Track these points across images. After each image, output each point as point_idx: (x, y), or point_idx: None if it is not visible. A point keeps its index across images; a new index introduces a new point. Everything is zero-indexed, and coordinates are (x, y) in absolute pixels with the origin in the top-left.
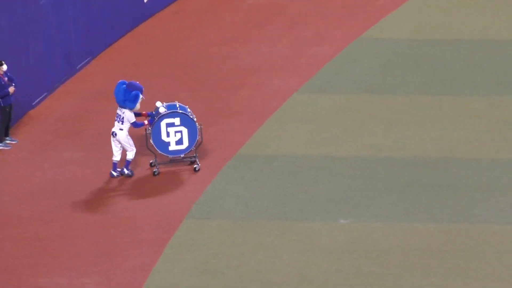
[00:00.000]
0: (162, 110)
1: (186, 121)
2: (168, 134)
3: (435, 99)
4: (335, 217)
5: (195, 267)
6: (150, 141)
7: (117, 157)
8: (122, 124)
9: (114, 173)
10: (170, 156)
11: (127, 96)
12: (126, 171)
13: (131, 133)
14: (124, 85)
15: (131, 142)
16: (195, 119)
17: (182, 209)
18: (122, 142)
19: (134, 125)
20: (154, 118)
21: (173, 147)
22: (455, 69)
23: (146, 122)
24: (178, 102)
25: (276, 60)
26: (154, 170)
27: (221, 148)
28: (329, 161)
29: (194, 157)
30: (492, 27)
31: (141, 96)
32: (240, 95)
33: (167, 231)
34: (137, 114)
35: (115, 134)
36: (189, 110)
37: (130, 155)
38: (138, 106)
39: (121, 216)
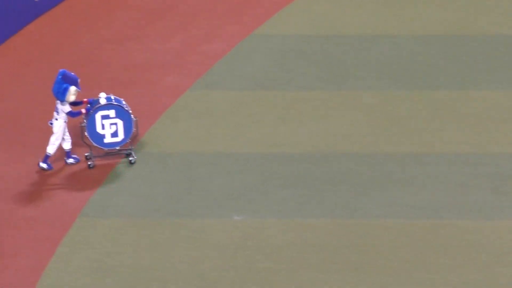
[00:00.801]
0: (102, 101)
1: (121, 113)
2: (103, 127)
3: (328, 94)
4: (229, 213)
5: (88, 266)
6: (85, 134)
7: (66, 145)
8: (58, 114)
9: (70, 160)
10: (106, 148)
11: (59, 88)
12: (69, 160)
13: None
14: (60, 76)
15: (67, 132)
16: (130, 111)
17: (76, 207)
18: (57, 132)
19: (70, 114)
20: (91, 108)
21: (108, 139)
22: (348, 64)
23: (83, 111)
24: (113, 95)
25: (168, 57)
26: (89, 163)
27: None
28: (222, 158)
29: (130, 149)
30: (385, 23)
31: (74, 88)
32: (132, 93)
33: (60, 229)
34: (78, 103)
35: (51, 124)
36: (124, 102)
37: (67, 145)
38: (71, 98)
39: (14, 215)
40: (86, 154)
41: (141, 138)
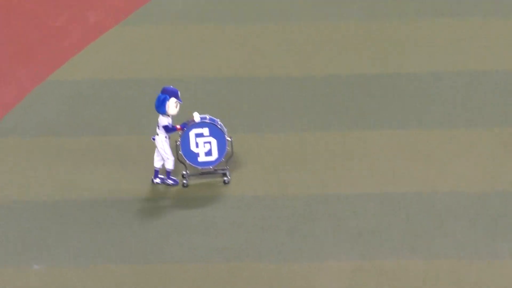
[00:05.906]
0: (196, 118)
1: (214, 132)
2: (197, 145)
3: (123, 139)
4: (28, 262)
5: None
6: (179, 152)
7: (156, 163)
8: (158, 129)
9: (155, 180)
10: (200, 167)
11: (158, 101)
12: (168, 181)
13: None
14: (161, 91)
15: (168, 150)
16: (225, 130)
17: None
18: (158, 148)
19: (165, 129)
20: (187, 124)
21: (202, 158)
22: (143, 107)
23: (178, 126)
24: (208, 115)
25: None
26: (183, 182)
27: None
28: (18, 205)
29: (225, 169)
30: (179, 66)
31: (174, 100)
32: None
33: None
34: (173, 129)
35: (154, 139)
36: (219, 122)
37: (168, 165)
38: (172, 110)
39: None
40: (183, 172)
41: None
